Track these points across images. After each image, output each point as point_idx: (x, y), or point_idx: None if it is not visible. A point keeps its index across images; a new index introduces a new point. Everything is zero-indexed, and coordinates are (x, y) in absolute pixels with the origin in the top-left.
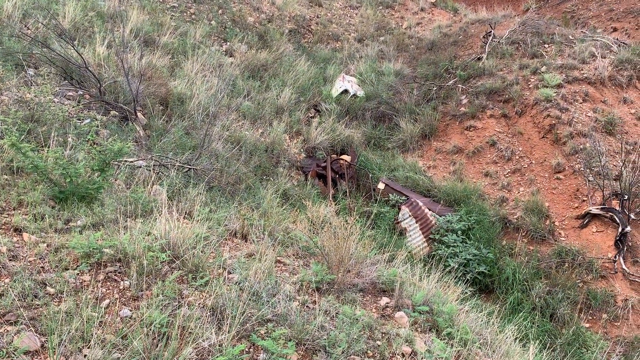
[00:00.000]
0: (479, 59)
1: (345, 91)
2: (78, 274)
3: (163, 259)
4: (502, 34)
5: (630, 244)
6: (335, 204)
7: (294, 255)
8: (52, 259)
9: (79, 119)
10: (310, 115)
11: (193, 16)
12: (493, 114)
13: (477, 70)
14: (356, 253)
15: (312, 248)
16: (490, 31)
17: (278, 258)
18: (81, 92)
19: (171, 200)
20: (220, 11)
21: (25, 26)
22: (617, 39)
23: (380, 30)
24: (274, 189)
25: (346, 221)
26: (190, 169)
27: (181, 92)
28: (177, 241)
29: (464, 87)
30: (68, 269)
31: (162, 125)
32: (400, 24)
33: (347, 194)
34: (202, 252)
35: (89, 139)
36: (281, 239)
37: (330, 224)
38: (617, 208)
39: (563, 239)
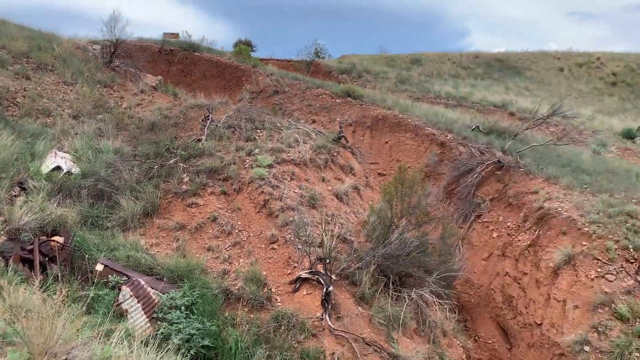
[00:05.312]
0: (199, 140)
1: (58, 168)
2: None
3: None
4: (220, 119)
5: (333, 302)
6: (44, 291)
7: None
8: None
9: None
10: (14, 193)
11: None
12: (214, 191)
13: (198, 151)
14: (65, 333)
15: (9, 336)
16: (209, 115)
17: None
18: None
19: None
20: None
21: None
22: (315, 129)
23: (98, 109)
24: None
25: (51, 298)
26: None
27: None
28: None
29: (185, 166)
30: None
31: None
32: (120, 103)
33: (59, 278)
34: None
35: None
36: None
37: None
38: (322, 271)
39: (279, 304)
